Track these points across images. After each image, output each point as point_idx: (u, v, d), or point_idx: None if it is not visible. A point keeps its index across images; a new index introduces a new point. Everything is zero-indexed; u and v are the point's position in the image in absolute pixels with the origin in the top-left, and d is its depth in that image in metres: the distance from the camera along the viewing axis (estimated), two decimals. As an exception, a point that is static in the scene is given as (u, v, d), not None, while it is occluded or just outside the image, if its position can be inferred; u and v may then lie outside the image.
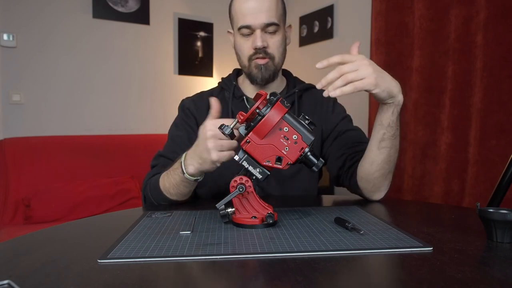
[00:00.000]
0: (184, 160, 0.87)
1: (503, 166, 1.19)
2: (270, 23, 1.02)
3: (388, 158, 0.91)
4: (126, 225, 0.75)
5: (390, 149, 0.90)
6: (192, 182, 0.89)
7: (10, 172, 2.17)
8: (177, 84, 3.01)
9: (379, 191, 0.98)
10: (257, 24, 1.01)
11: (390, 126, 0.87)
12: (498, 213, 0.62)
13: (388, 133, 0.88)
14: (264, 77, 1.06)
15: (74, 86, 2.62)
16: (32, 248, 0.63)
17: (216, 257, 0.57)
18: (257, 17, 1.01)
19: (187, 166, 0.86)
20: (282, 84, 1.17)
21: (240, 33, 1.05)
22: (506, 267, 0.53)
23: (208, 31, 3.13)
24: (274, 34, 1.04)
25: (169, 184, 0.93)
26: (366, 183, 0.97)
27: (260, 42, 1.02)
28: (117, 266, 0.54)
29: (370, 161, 0.93)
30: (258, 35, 1.02)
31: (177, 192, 0.93)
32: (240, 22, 1.03)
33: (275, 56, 1.06)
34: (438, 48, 1.91)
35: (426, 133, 1.97)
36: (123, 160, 2.50)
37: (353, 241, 0.63)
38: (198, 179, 0.88)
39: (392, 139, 0.89)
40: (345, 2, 2.68)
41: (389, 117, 0.86)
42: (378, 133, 0.89)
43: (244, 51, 1.07)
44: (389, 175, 0.95)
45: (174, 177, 0.90)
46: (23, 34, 2.44)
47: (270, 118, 0.70)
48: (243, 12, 1.02)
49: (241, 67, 1.12)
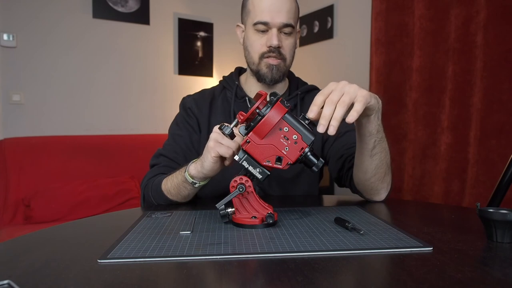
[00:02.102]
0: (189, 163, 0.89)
1: (503, 166, 1.19)
2: (288, 24, 1.02)
3: (381, 163, 0.90)
4: (126, 225, 0.75)
5: (381, 153, 0.88)
6: (190, 185, 0.89)
7: (10, 172, 2.17)
8: (177, 84, 3.01)
9: (378, 193, 0.96)
10: (276, 23, 1.01)
11: (379, 131, 0.85)
12: (498, 213, 0.62)
13: (378, 139, 0.86)
14: (274, 78, 1.06)
15: (74, 86, 2.62)
16: (32, 248, 0.63)
17: (216, 257, 0.57)
18: (276, 16, 1.00)
19: (189, 167, 0.88)
20: (285, 85, 1.17)
21: (254, 28, 1.03)
22: (506, 267, 0.53)
23: (208, 31, 3.13)
24: (289, 36, 1.04)
25: (171, 184, 0.93)
26: (363, 188, 0.96)
27: (276, 41, 1.01)
28: (117, 266, 0.54)
29: (363, 170, 0.91)
30: (275, 33, 1.01)
31: (177, 193, 0.93)
32: (257, 18, 1.02)
33: (287, 57, 1.06)
34: (438, 48, 1.91)
35: (426, 133, 1.97)
36: (123, 160, 2.50)
37: (353, 241, 0.63)
38: (196, 183, 0.88)
39: (381, 142, 0.87)
40: (345, 2, 2.68)
41: (376, 124, 0.83)
42: (369, 143, 0.86)
43: (256, 47, 1.05)
44: (386, 177, 0.93)
45: (177, 177, 0.91)
46: (23, 34, 2.44)
47: (270, 118, 0.70)
48: (262, 8, 1.01)
49: (249, 63, 1.10)
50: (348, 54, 2.65)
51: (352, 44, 2.62)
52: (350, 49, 2.64)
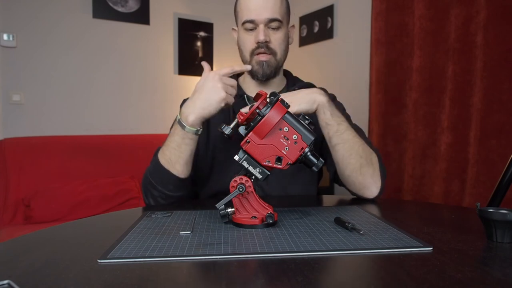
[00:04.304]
0: (180, 116, 0.90)
1: (503, 166, 1.19)
2: (273, 19, 1.04)
3: (348, 153, 0.93)
4: (126, 225, 0.75)
5: (343, 144, 0.93)
6: (194, 137, 0.91)
7: (10, 172, 2.17)
8: (177, 84, 3.01)
9: (368, 188, 0.97)
10: (261, 19, 1.03)
11: (328, 124, 0.92)
12: (498, 213, 0.62)
13: (331, 131, 0.92)
14: (266, 73, 1.07)
15: (74, 86, 2.63)
16: (32, 248, 0.63)
17: (216, 257, 0.57)
18: (261, 12, 1.03)
19: (186, 117, 0.89)
20: (283, 83, 1.18)
21: (244, 27, 1.07)
22: (506, 267, 0.53)
23: (208, 31, 3.13)
24: (277, 30, 1.06)
25: (169, 152, 0.93)
26: (347, 183, 1.00)
27: (262, 36, 1.04)
28: (117, 266, 0.54)
29: (336, 163, 0.98)
30: (261, 29, 1.04)
31: (178, 157, 0.92)
32: (244, 17, 1.05)
33: (277, 52, 1.07)
34: (438, 48, 1.91)
35: (426, 133, 1.97)
36: (123, 160, 2.50)
37: (353, 241, 0.63)
38: (198, 130, 0.90)
39: (338, 135, 0.92)
40: (345, 2, 2.68)
41: (323, 118, 0.91)
42: (325, 134, 0.94)
43: (246, 45, 1.08)
44: (364, 169, 0.94)
45: (174, 140, 0.92)
46: (23, 34, 2.44)
47: (270, 118, 0.70)
48: (248, 7, 1.05)
49: (243, 62, 1.13)
50: (348, 54, 2.65)
51: (352, 44, 2.61)
52: (350, 49, 2.64)
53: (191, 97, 0.92)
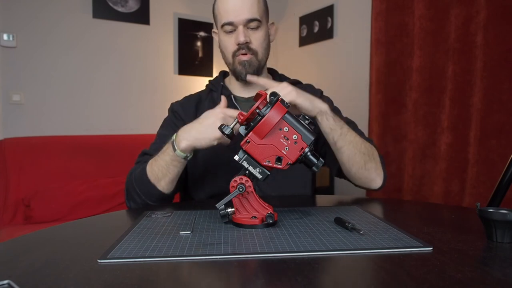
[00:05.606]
0: (175, 138, 0.90)
1: (503, 166, 1.19)
2: (252, 19, 1.04)
3: (352, 153, 0.96)
4: (126, 225, 0.75)
5: (348, 145, 0.95)
6: (182, 161, 0.91)
7: (10, 172, 2.17)
8: (177, 84, 3.01)
9: (373, 181, 1.02)
10: (240, 20, 1.04)
11: (333, 129, 0.93)
12: (498, 213, 0.62)
13: (336, 135, 0.94)
14: (249, 73, 1.08)
15: (74, 86, 2.62)
16: (32, 248, 0.63)
17: (216, 257, 0.57)
18: (239, 14, 1.03)
19: (179, 142, 0.89)
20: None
21: (223, 30, 1.07)
22: (506, 267, 0.53)
23: (208, 31, 3.13)
24: (256, 30, 1.06)
25: (157, 168, 0.94)
26: (354, 179, 1.04)
27: (242, 37, 1.04)
28: (117, 266, 0.54)
29: (341, 162, 1.00)
30: (241, 30, 1.04)
31: (164, 175, 0.94)
32: (223, 19, 1.05)
33: (258, 51, 1.08)
34: (438, 48, 1.91)
35: (426, 133, 1.97)
36: (123, 160, 2.49)
37: (353, 241, 0.63)
38: (188, 156, 0.90)
39: (342, 137, 0.94)
40: (345, 2, 2.68)
41: (327, 124, 0.93)
42: (329, 139, 0.96)
43: (228, 47, 1.08)
44: (368, 165, 0.99)
45: (164, 158, 0.92)
46: (23, 34, 2.44)
47: (270, 118, 0.70)
48: (226, 10, 1.05)
49: (226, 64, 1.14)
50: (348, 54, 2.65)
51: (352, 44, 2.61)
52: (350, 49, 2.64)
53: (193, 122, 0.91)
